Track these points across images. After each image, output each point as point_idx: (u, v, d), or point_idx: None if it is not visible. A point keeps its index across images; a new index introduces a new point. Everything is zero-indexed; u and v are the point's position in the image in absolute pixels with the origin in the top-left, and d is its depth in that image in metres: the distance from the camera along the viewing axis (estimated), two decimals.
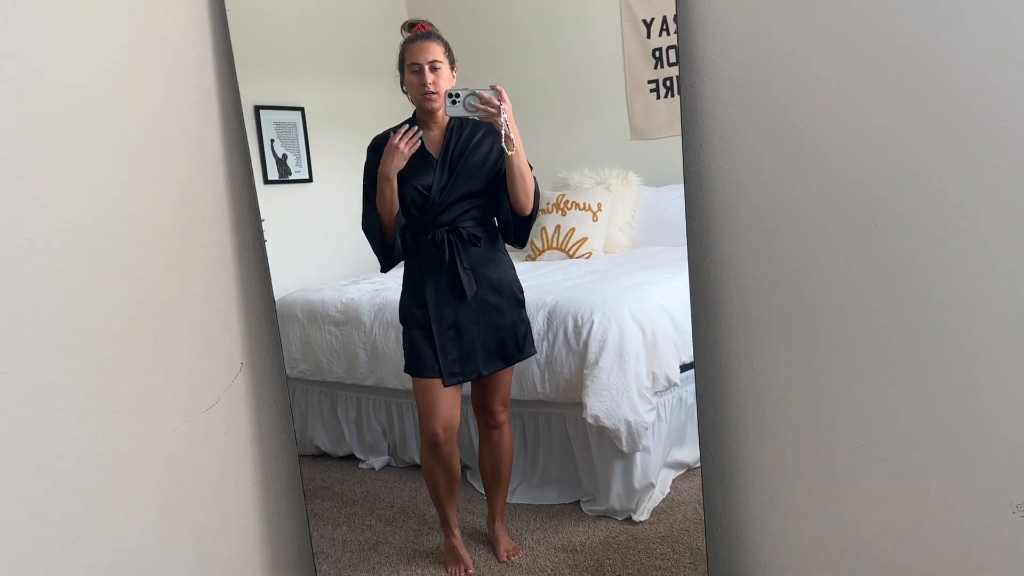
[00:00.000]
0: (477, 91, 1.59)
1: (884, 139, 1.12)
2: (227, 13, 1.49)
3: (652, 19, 2.01)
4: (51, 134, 1.23)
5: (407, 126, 1.68)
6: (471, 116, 1.62)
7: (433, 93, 1.70)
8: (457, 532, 1.86)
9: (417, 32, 1.73)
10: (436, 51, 1.70)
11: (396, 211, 1.73)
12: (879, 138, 1.12)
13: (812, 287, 1.19)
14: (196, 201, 1.40)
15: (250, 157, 1.50)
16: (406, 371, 1.81)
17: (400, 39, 1.76)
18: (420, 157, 1.74)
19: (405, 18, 1.80)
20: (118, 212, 1.30)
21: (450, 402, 1.79)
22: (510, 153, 1.65)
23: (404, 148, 1.67)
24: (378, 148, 1.79)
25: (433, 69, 1.69)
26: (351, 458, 2.24)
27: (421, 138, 1.74)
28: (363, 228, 1.81)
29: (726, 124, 1.22)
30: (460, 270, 1.74)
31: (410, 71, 1.71)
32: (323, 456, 2.27)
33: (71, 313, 1.24)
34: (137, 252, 1.32)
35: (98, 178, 1.28)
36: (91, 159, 1.26)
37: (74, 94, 1.25)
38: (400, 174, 1.72)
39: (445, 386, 1.77)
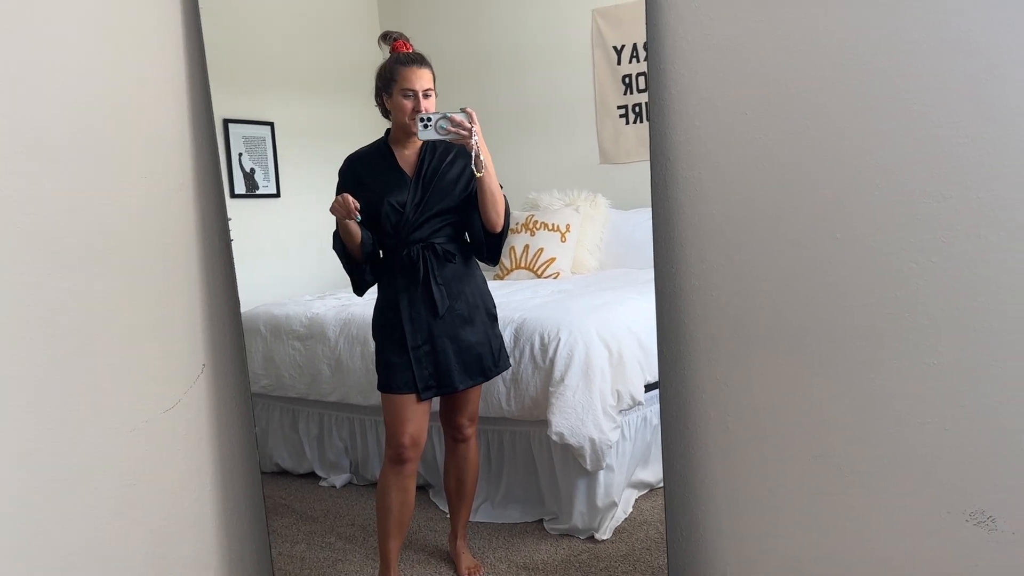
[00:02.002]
0: (448, 114, 1.61)
1: (847, 153, 1.15)
2: (201, 19, 1.49)
3: (622, 46, 2.06)
4: (13, 132, 1.21)
5: (358, 215, 1.71)
6: (443, 139, 1.64)
7: None
8: None
9: (409, 54, 1.75)
10: (429, 79, 1.72)
11: (358, 241, 1.75)
12: (842, 152, 1.16)
13: (775, 301, 1.22)
14: (161, 200, 1.39)
15: (219, 159, 1.48)
16: (379, 388, 1.79)
17: (377, 50, 1.77)
18: (395, 175, 1.75)
19: (387, 31, 1.81)
20: (81, 209, 1.28)
21: (420, 416, 1.78)
22: (479, 175, 1.67)
23: (341, 212, 1.71)
24: (353, 165, 1.80)
25: (426, 96, 1.72)
26: (312, 476, 2.21)
27: (395, 158, 1.76)
28: (334, 248, 1.81)
29: (693, 139, 1.24)
30: (433, 286, 1.75)
31: (402, 95, 1.72)
32: (283, 473, 2.23)
33: (30, 309, 1.22)
34: (98, 249, 1.30)
35: (61, 175, 1.26)
36: (55, 156, 1.25)
37: (39, 93, 1.24)
38: (376, 191, 1.73)
39: (420, 401, 1.76)
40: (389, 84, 1.74)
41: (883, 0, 1.11)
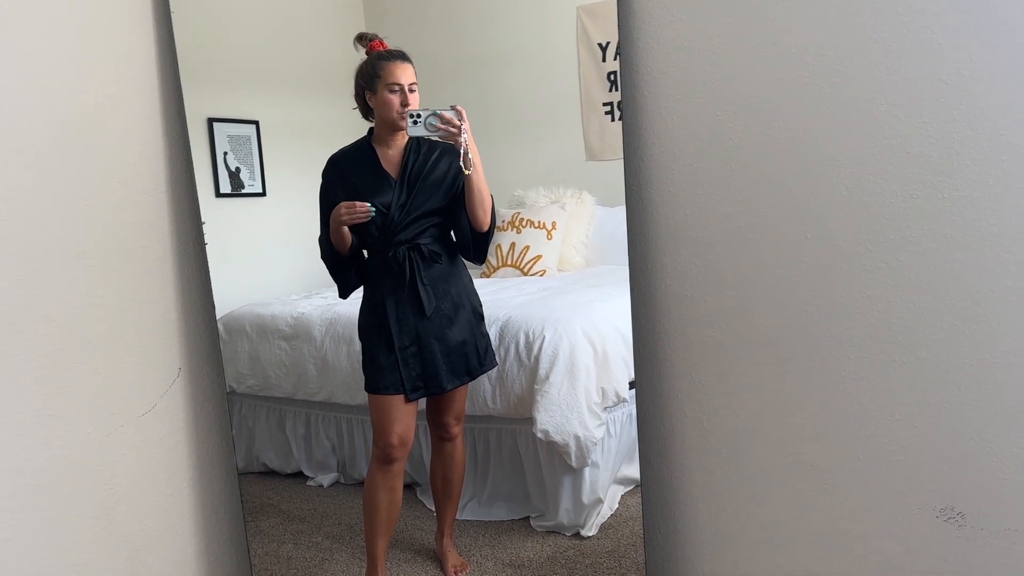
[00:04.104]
0: (438, 111, 1.60)
1: (816, 153, 1.16)
2: (172, 15, 1.47)
3: (607, 43, 2.06)
4: None
5: (371, 210, 1.69)
6: (432, 136, 1.64)
7: None
8: None
9: (391, 50, 1.75)
10: (413, 73, 1.72)
11: (349, 245, 1.75)
12: (812, 153, 1.17)
13: (747, 300, 1.23)
14: (136, 204, 1.38)
15: (192, 161, 1.47)
16: (366, 389, 1.79)
17: (356, 56, 1.77)
18: (378, 177, 1.74)
19: (363, 32, 1.81)
20: (55, 212, 1.27)
21: (407, 416, 1.77)
22: (468, 172, 1.66)
23: (345, 219, 1.70)
24: (336, 166, 1.79)
25: (411, 91, 1.71)
26: (299, 475, 2.21)
27: (378, 158, 1.75)
28: (323, 258, 1.81)
29: (665, 140, 1.25)
30: (420, 287, 1.74)
31: (388, 90, 1.71)
32: (270, 473, 2.23)
33: (4, 313, 1.21)
34: (73, 253, 1.29)
35: (35, 179, 1.25)
36: (28, 160, 1.24)
37: (11, 94, 1.23)
38: (359, 193, 1.72)
39: (408, 401, 1.76)
40: (373, 81, 1.73)
41: (851, 3, 1.12)
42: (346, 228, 1.72)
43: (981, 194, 1.07)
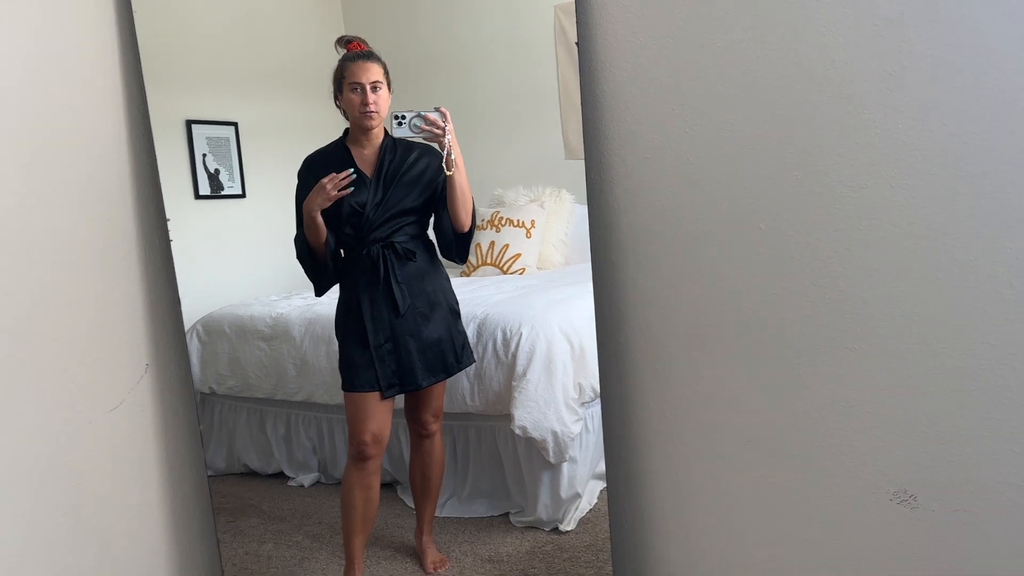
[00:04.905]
0: (422, 112, 1.61)
1: (770, 146, 1.18)
2: (140, 17, 1.47)
3: None
4: None
5: (351, 172, 1.67)
6: (416, 137, 1.64)
7: (373, 112, 1.72)
8: None
9: (357, 51, 1.76)
10: (377, 72, 1.72)
11: (324, 239, 1.73)
12: (766, 145, 1.18)
13: (707, 293, 1.24)
14: (100, 200, 1.38)
15: (156, 159, 1.48)
16: (343, 387, 1.79)
17: (335, 55, 1.78)
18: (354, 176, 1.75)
19: (343, 35, 1.82)
20: (18, 208, 1.26)
21: (382, 414, 1.78)
22: (450, 173, 1.67)
23: (332, 192, 1.67)
24: (312, 166, 1.79)
25: (374, 89, 1.71)
26: (280, 475, 2.21)
27: (353, 158, 1.75)
28: (298, 257, 1.80)
29: (625, 137, 1.26)
30: (394, 284, 1.75)
31: (350, 90, 1.72)
32: (251, 474, 2.24)
33: None
34: (38, 248, 1.29)
35: None
36: None
37: None
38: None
39: (383, 398, 1.76)
40: (340, 83, 1.74)
41: None
42: (320, 219, 1.71)
43: (927, 183, 1.09)
